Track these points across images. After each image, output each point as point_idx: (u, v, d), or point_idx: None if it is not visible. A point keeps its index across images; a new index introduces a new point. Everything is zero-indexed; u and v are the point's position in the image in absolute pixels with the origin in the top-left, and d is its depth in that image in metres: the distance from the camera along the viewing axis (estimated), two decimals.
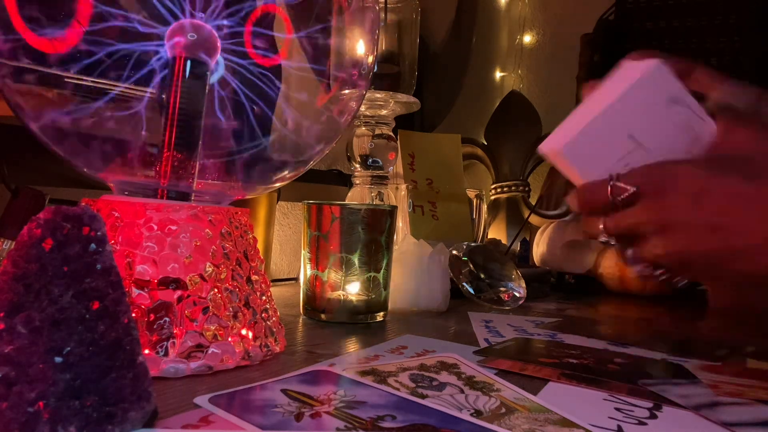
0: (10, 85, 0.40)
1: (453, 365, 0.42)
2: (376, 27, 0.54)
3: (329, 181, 1.09)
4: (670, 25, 1.51)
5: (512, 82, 1.67)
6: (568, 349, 0.51)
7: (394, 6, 0.80)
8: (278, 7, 0.48)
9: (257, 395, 0.33)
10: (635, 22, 1.54)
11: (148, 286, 0.37)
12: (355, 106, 0.52)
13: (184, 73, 0.41)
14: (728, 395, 0.39)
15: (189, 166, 0.42)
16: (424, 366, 0.41)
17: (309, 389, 0.35)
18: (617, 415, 0.34)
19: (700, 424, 0.34)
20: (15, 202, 0.56)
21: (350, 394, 0.34)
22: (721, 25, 1.46)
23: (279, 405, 0.32)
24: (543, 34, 1.67)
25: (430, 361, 0.43)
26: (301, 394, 0.34)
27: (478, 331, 0.57)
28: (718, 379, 0.43)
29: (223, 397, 0.33)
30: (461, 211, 0.95)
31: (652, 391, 0.39)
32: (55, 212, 0.26)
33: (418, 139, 0.95)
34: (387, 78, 0.80)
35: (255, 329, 0.42)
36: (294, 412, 0.31)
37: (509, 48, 1.70)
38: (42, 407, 0.24)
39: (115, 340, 0.27)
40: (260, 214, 0.79)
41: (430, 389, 0.36)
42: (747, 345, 0.58)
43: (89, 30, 0.40)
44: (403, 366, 0.41)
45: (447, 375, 0.39)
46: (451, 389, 0.36)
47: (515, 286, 0.74)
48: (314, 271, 0.59)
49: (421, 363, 0.42)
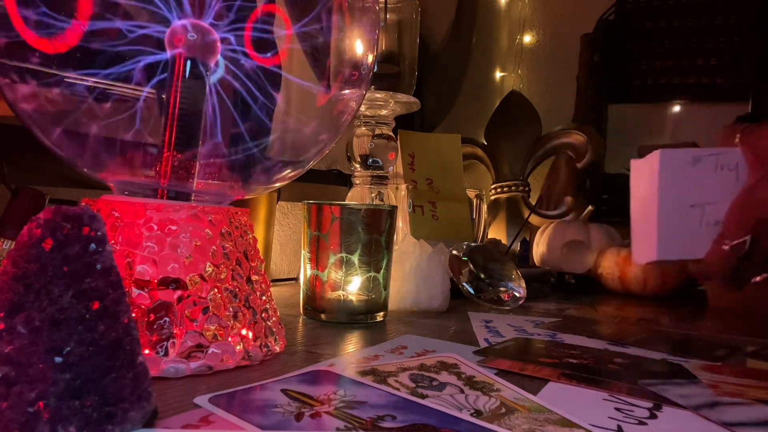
0: (10, 85, 0.40)
1: (453, 365, 0.42)
2: (376, 27, 0.54)
3: (329, 181, 1.09)
4: (670, 25, 1.51)
5: (512, 82, 1.67)
6: (568, 349, 0.51)
7: (394, 6, 0.80)
8: (278, 6, 0.48)
9: (257, 395, 0.33)
10: (635, 22, 1.54)
11: (148, 286, 0.37)
12: (355, 106, 0.52)
13: (184, 73, 0.41)
14: (728, 395, 0.39)
15: (189, 166, 0.42)
16: (424, 366, 0.41)
17: (309, 389, 0.35)
18: (617, 415, 0.34)
19: (700, 425, 0.34)
20: (15, 202, 0.56)
21: (350, 394, 0.34)
22: (721, 25, 1.46)
23: (279, 405, 0.32)
24: (543, 34, 1.67)
25: (430, 361, 0.43)
26: (301, 394, 0.34)
27: (477, 331, 0.57)
28: (718, 379, 0.43)
29: (224, 397, 0.33)
30: (461, 211, 0.95)
31: (652, 391, 0.39)
32: (55, 212, 0.26)
33: (418, 139, 0.95)
34: (387, 78, 0.80)
35: (255, 329, 0.42)
36: (294, 412, 0.31)
37: (509, 48, 1.70)
38: (42, 407, 0.24)
39: (115, 340, 0.27)
40: (260, 214, 0.79)
41: (430, 389, 0.36)
42: (747, 345, 0.58)
43: (89, 30, 0.40)
44: (403, 366, 0.41)
45: (447, 375, 0.39)
46: (451, 389, 0.36)
47: (515, 286, 0.74)
48: (314, 271, 0.59)
49: (421, 363, 0.42)
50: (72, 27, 0.39)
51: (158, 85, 0.42)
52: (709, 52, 1.47)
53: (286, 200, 1.03)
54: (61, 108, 0.42)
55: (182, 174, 0.42)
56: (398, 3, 0.81)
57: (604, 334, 0.59)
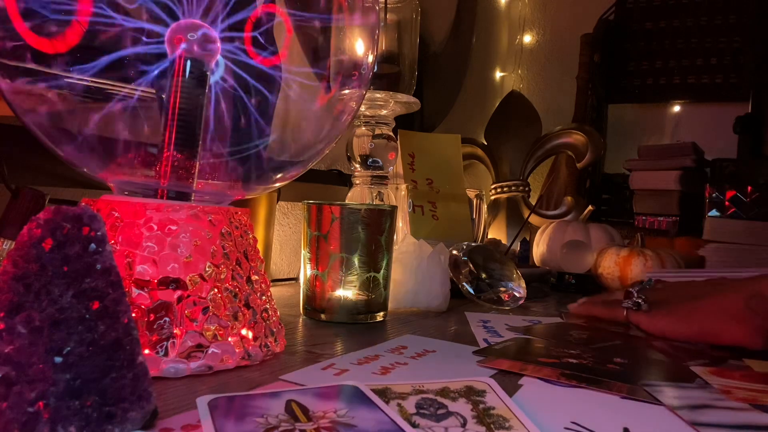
0: (10, 85, 0.40)
1: (480, 392, 0.37)
2: (376, 27, 0.54)
3: (329, 181, 1.09)
4: (670, 25, 1.51)
5: (512, 82, 1.68)
6: (568, 348, 0.51)
7: (394, 6, 0.80)
8: (278, 7, 0.48)
9: (258, 402, 0.32)
10: (635, 22, 1.54)
11: (148, 286, 0.37)
12: (355, 106, 0.52)
13: (184, 73, 0.41)
14: (741, 401, 0.38)
15: (189, 166, 0.42)
16: (445, 390, 0.36)
17: (314, 403, 0.33)
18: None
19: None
20: (15, 202, 0.56)
21: (350, 414, 0.31)
22: (721, 25, 1.46)
23: (265, 415, 0.30)
24: (543, 34, 1.67)
25: (456, 385, 0.37)
26: (301, 408, 0.32)
27: (476, 332, 0.57)
28: (729, 384, 0.42)
29: (223, 399, 0.32)
30: (461, 211, 0.95)
31: (649, 392, 0.39)
32: (55, 212, 0.26)
33: (418, 139, 0.95)
34: (387, 78, 0.80)
35: (255, 329, 0.42)
36: (272, 425, 0.29)
37: (509, 48, 1.70)
38: (42, 407, 0.24)
39: (115, 340, 0.27)
40: (260, 214, 0.79)
41: (429, 418, 0.32)
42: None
43: (89, 30, 0.40)
44: (421, 388, 0.36)
45: (464, 403, 0.35)
46: (452, 421, 0.32)
47: (515, 286, 0.74)
48: (314, 271, 0.59)
49: (445, 386, 0.37)
50: (72, 27, 0.39)
51: (158, 85, 0.42)
52: (709, 52, 1.47)
53: (286, 200, 1.03)
54: (61, 108, 0.42)
55: (182, 174, 0.42)
56: (398, 3, 0.81)
57: (573, 339, 0.57)
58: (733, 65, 1.44)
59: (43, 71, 0.40)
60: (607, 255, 0.96)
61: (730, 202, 1.05)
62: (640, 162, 1.31)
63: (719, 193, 1.06)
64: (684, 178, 1.24)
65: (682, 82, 1.50)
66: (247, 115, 0.46)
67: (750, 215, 1.04)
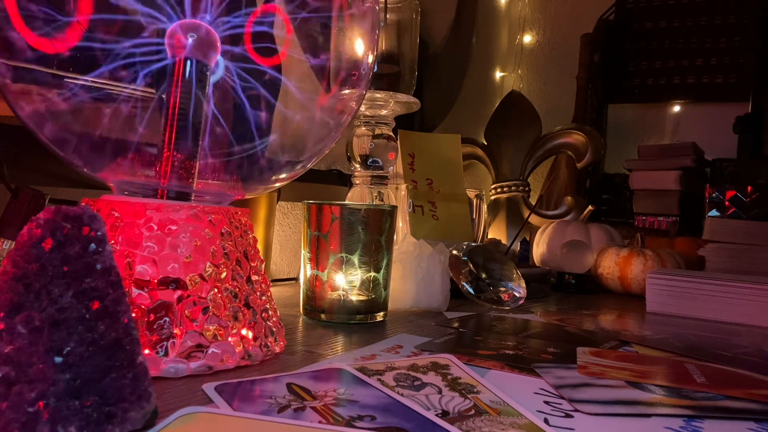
0: (10, 85, 0.40)
1: (444, 366, 0.42)
2: (376, 27, 0.54)
3: (329, 181, 1.09)
4: (670, 25, 1.51)
5: (512, 82, 1.68)
6: (505, 340, 0.53)
7: (394, 6, 0.80)
8: (278, 6, 0.48)
9: (262, 386, 0.35)
10: (635, 22, 1.54)
11: (148, 286, 0.37)
12: (355, 106, 0.52)
13: (184, 73, 0.41)
14: (592, 375, 0.42)
15: (189, 166, 0.42)
16: (414, 366, 0.41)
17: (312, 385, 0.36)
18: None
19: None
20: (15, 202, 0.56)
21: (349, 392, 0.35)
22: (721, 25, 1.46)
23: (274, 396, 0.33)
24: (543, 34, 1.67)
25: (423, 361, 0.43)
26: (302, 389, 0.34)
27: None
28: (590, 361, 0.46)
29: (229, 386, 0.34)
30: (461, 211, 0.95)
31: (538, 373, 0.42)
32: (55, 212, 0.26)
33: (418, 139, 0.95)
34: (387, 78, 0.80)
35: (255, 329, 0.42)
36: (282, 404, 0.32)
37: (509, 48, 1.70)
38: (42, 407, 0.24)
39: (115, 340, 0.27)
40: (260, 214, 0.79)
41: (410, 389, 0.36)
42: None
43: (89, 30, 0.40)
44: (393, 365, 0.41)
45: (433, 375, 0.39)
46: (429, 389, 0.36)
47: (515, 286, 0.74)
48: (314, 271, 0.59)
49: (413, 363, 0.42)
50: (72, 27, 0.39)
51: (158, 85, 0.42)
52: (709, 52, 1.47)
53: (286, 200, 1.03)
54: (61, 108, 0.42)
55: (182, 174, 0.42)
56: (398, 3, 0.81)
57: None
58: (733, 65, 1.44)
59: (43, 71, 0.40)
60: (607, 255, 0.96)
61: (730, 202, 1.05)
62: (640, 162, 1.31)
63: (719, 193, 1.06)
64: (684, 178, 1.24)
65: (682, 82, 1.50)
66: (247, 115, 0.46)
67: (750, 215, 1.04)
